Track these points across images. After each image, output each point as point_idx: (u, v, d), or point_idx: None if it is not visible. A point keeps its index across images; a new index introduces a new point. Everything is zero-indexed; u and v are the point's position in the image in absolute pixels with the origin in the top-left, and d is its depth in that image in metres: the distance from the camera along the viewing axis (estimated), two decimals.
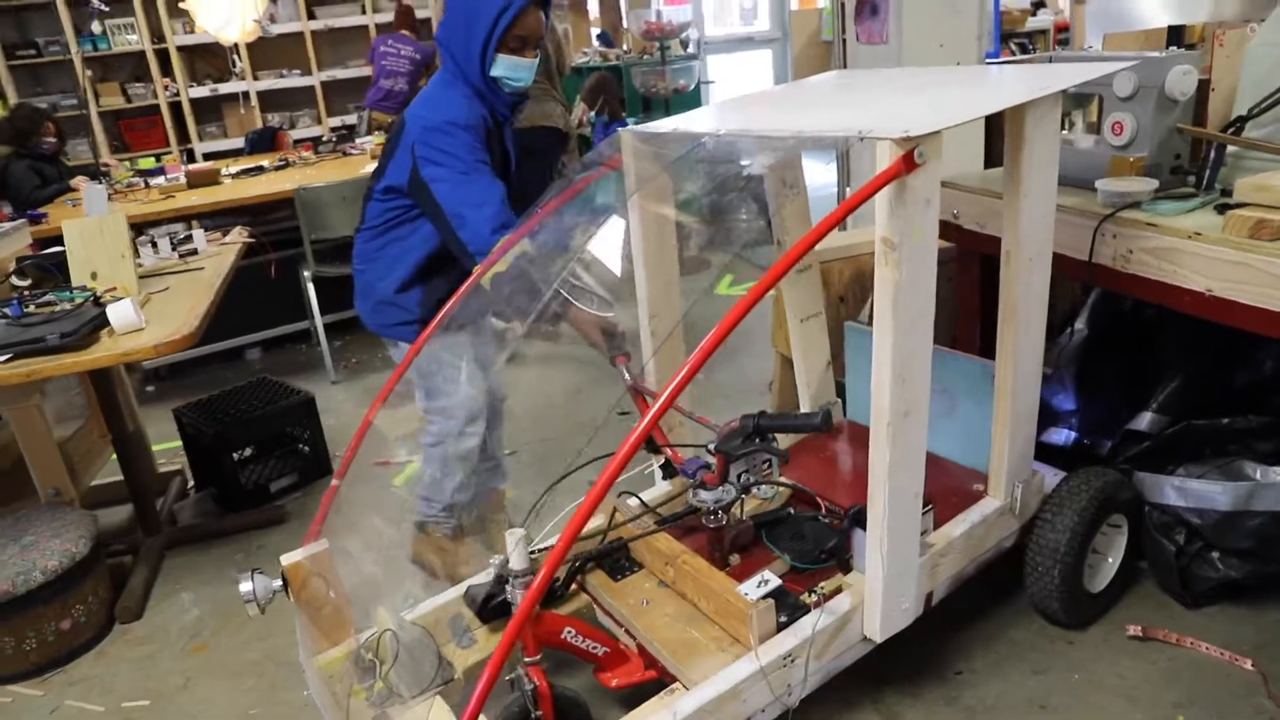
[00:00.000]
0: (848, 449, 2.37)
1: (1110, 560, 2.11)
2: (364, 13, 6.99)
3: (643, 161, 1.95)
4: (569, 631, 1.76)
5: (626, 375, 2.00)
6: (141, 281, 2.53)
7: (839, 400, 2.48)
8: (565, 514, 2.15)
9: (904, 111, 1.68)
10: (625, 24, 5.18)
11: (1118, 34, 2.47)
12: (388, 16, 7.06)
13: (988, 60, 3.23)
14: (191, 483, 3.26)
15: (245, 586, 1.79)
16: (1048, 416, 2.50)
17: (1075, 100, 2.40)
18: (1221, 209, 1.89)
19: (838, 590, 1.80)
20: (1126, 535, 2.11)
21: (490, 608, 1.92)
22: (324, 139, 5.44)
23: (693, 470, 1.81)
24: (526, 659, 1.65)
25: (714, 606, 1.77)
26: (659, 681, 1.77)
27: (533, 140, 3.72)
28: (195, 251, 2.83)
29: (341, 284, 4.35)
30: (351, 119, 7.12)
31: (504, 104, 2.17)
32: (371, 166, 4.74)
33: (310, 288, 4.12)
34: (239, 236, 3.00)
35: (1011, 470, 1.92)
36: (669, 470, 2.14)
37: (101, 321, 2.12)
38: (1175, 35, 2.17)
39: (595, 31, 6.03)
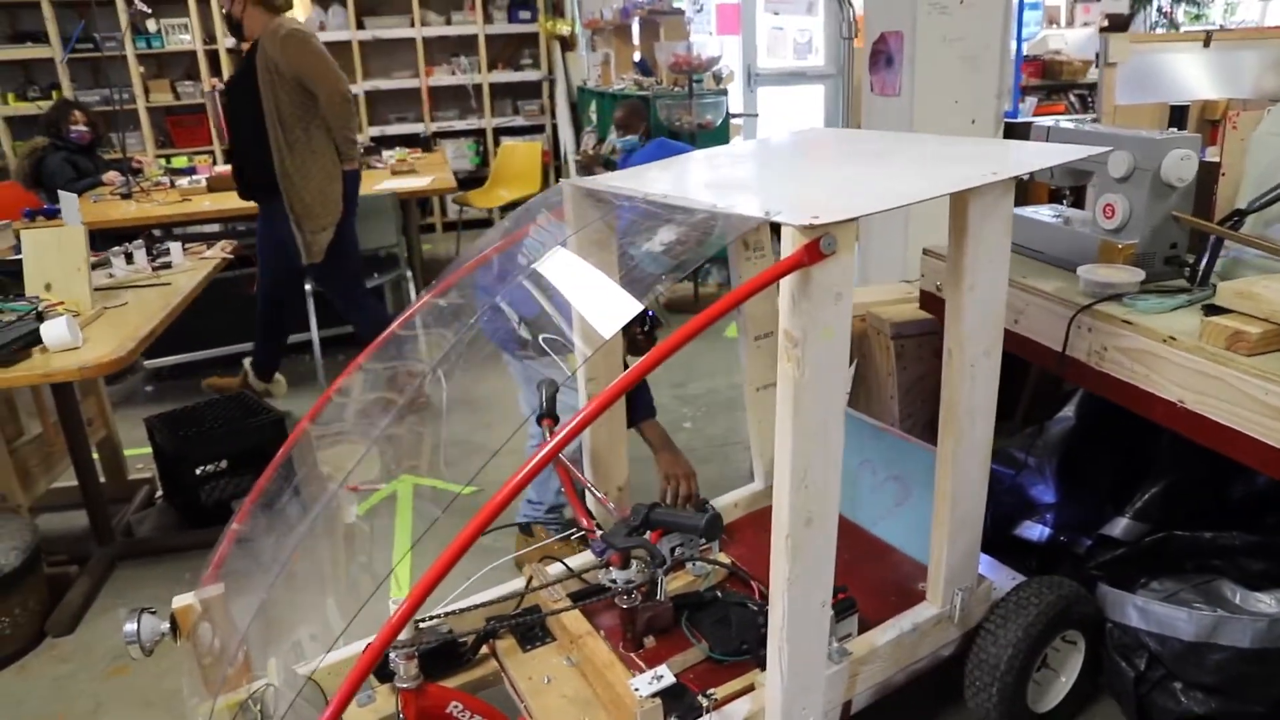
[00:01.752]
0: None
1: (1064, 679, 1.94)
2: (412, 25, 7.04)
3: (583, 214, 1.85)
4: (455, 706, 1.66)
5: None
6: (103, 294, 2.50)
7: None
8: (473, 580, 2.06)
9: (828, 191, 1.56)
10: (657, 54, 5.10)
11: (1131, 105, 2.30)
12: (436, 30, 7.10)
13: (1006, 119, 3.07)
14: (160, 492, 3.25)
15: (129, 627, 1.71)
16: (1023, 509, 2.33)
17: (1073, 176, 2.25)
18: (1209, 310, 1.73)
19: (749, 689, 1.68)
20: (1083, 653, 1.94)
21: (389, 669, 1.84)
22: None
23: (600, 550, 1.70)
24: None
25: (607, 697, 1.66)
26: None
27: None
28: (169, 265, 2.81)
29: None
30: (392, 129, 7.17)
31: None
32: (390, 183, 4.77)
33: (310, 301, 4.11)
34: (219, 251, 2.98)
35: (951, 577, 1.77)
36: None
37: (34, 338, 2.08)
38: (1178, 116, 2.01)
39: (636, 58, 5.97)
